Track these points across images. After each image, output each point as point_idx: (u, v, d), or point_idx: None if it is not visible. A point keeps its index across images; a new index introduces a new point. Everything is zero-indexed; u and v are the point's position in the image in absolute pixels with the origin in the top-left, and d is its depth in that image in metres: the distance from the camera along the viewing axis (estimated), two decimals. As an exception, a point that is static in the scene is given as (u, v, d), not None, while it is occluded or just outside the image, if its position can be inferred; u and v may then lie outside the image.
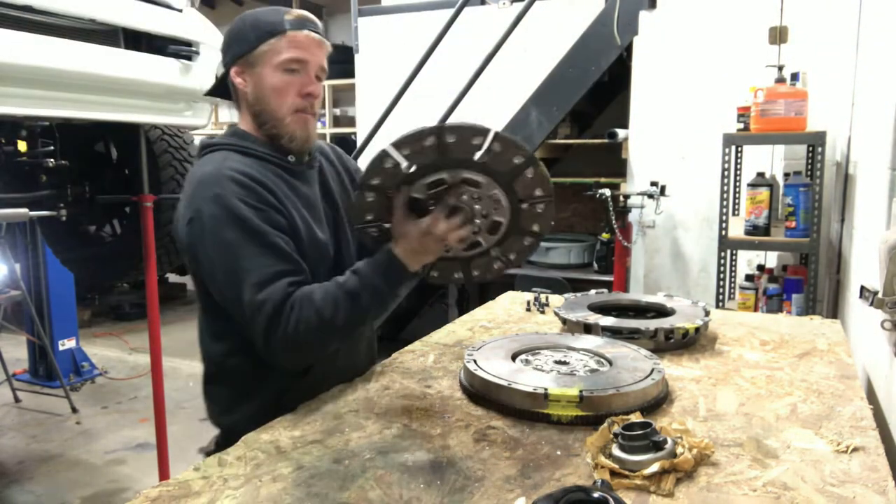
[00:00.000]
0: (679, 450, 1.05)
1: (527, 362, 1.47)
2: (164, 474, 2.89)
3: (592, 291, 2.10)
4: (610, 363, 1.44)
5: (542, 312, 2.11)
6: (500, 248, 1.36)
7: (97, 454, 3.53)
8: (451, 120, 1.24)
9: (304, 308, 1.25)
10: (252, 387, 1.41)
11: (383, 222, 1.32)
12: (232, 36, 1.41)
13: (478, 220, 1.30)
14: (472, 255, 1.37)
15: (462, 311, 4.52)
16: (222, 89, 1.47)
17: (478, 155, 1.20)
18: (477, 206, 1.29)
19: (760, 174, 2.98)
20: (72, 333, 4.58)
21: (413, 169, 1.22)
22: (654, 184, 3.78)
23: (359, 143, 4.73)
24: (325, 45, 1.43)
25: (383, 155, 1.22)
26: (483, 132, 1.19)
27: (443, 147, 1.20)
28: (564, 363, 1.46)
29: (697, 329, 1.70)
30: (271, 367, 1.34)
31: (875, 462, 1.07)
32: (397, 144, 1.21)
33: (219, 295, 1.33)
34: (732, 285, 3.61)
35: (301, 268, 1.32)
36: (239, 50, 1.39)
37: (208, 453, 1.30)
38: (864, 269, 2.21)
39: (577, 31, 4.09)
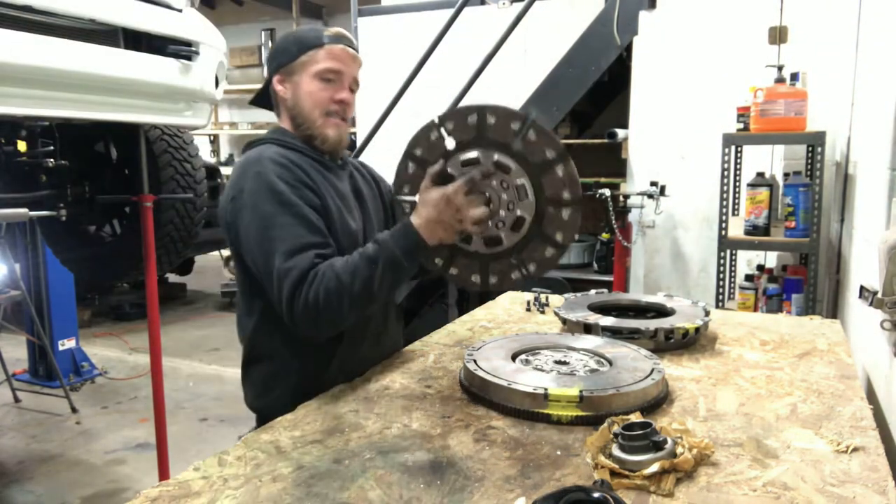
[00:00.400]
0: (679, 450, 1.05)
1: (527, 362, 1.47)
2: (163, 474, 2.89)
3: (592, 291, 2.10)
4: (610, 363, 1.44)
5: (542, 312, 2.11)
6: (521, 255, 1.36)
7: (97, 454, 3.53)
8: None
9: (327, 276, 1.32)
10: (284, 368, 1.48)
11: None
12: (277, 50, 1.56)
13: (502, 212, 1.31)
14: (492, 253, 1.37)
15: (462, 311, 4.52)
16: (265, 99, 1.61)
17: (513, 140, 1.22)
18: (503, 196, 1.30)
19: (760, 174, 2.99)
20: (72, 333, 4.58)
21: (454, 145, 1.24)
22: (653, 184, 3.78)
23: (358, 143, 4.73)
24: (359, 60, 1.57)
25: (430, 126, 1.27)
26: (521, 118, 1.22)
27: (482, 126, 1.22)
28: (564, 363, 1.46)
29: (697, 329, 1.70)
30: (303, 346, 1.43)
31: (875, 462, 1.07)
32: (443, 117, 1.24)
33: (254, 266, 1.41)
34: (732, 285, 3.61)
35: (329, 242, 1.40)
36: (281, 61, 1.53)
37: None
38: (863, 269, 2.21)
39: (577, 31, 4.09)
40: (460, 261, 1.39)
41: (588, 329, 1.72)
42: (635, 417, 1.15)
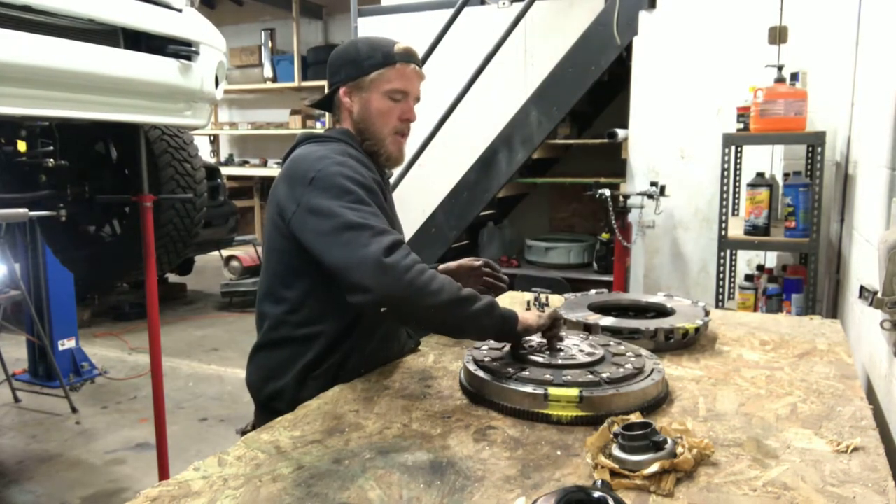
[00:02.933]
0: (679, 450, 1.05)
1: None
2: (163, 474, 2.89)
3: (592, 291, 2.10)
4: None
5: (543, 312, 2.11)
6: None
7: (97, 454, 3.52)
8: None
9: (420, 264, 1.32)
10: (296, 354, 1.49)
11: None
12: (345, 59, 1.56)
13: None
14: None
15: (462, 311, 4.51)
16: (326, 102, 1.63)
17: None
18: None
19: (760, 174, 2.99)
20: (72, 333, 4.57)
21: None
22: (653, 184, 3.78)
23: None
24: (423, 76, 1.61)
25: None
26: None
27: None
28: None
29: (697, 329, 1.70)
30: (319, 336, 1.47)
31: (875, 462, 1.07)
32: None
33: (325, 229, 1.35)
34: (732, 285, 3.61)
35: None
36: (351, 73, 1.54)
37: (244, 433, 1.36)
38: (863, 269, 2.21)
39: (577, 31, 4.10)
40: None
41: (588, 329, 1.72)
42: (635, 417, 1.15)
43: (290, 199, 1.42)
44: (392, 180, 1.82)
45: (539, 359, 1.39)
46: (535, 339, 1.52)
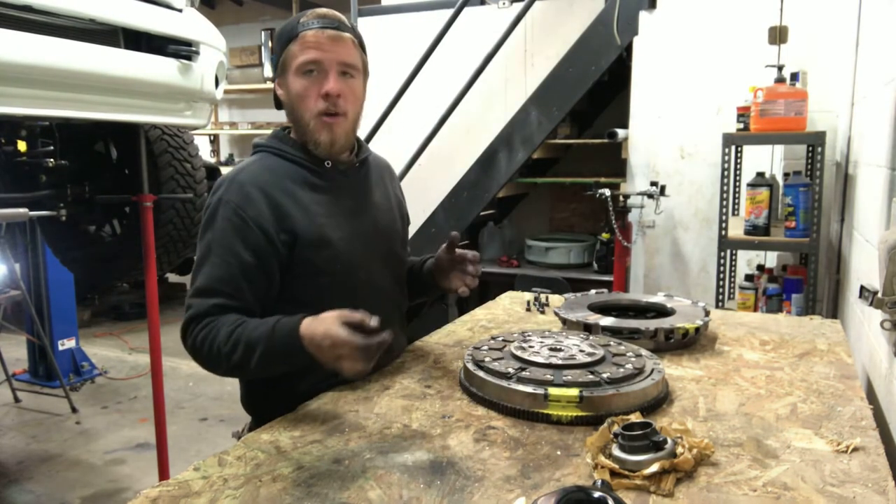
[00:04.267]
0: (679, 450, 1.05)
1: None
2: (163, 474, 2.89)
3: (592, 291, 2.09)
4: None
5: (542, 312, 2.11)
6: None
7: (97, 454, 3.52)
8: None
9: (213, 332, 1.32)
10: (287, 374, 1.43)
11: None
12: (274, 48, 1.47)
13: None
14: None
15: (462, 311, 4.52)
16: (277, 103, 1.52)
17: None
18: None
19: (760, 174, 2.99)
20: (72, 333, 4.58)
21: None
22: (654, 184, 3.78)
23: (359, 143, 4.72)
24: (344, 39, 1.39)
25: None
26: None
27: None
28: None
29: (697, 329, 1.70)
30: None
31: (875, 462, 1.07)
32: None
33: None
34: (732, 285, 3.61)
35: (241, 297, 1.37)
36: (274, 62, 1.45)
37: (239, 436, 1.37)
38: (864, 269, 2.21)
39: (577, 32, 4.09)
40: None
41: (588, 329, 1.72)
42: (635, 417, 1.15)
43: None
44: (376, 159, 1.72)
45: (539, 359, 1.39)
46: (536, 339, 1.52)
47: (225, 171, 7.98)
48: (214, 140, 9.53)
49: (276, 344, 1.26)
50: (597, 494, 0.87)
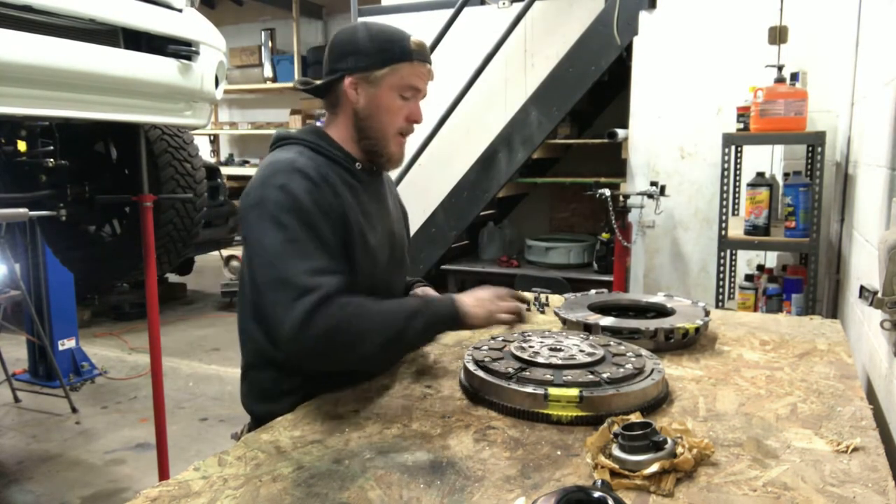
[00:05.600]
0: (679, 450, 1.05)
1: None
2: (163, 474, 2.89)
3: (592, 291, 2.09)
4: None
5: (542, 312, 2.11)
6: None
7: (97, 454, 3.52)
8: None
9: (361, 306, 1.29)
10: (291, 377, 1.44)
11: None
12: (354, 46, 1.44)
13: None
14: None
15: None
16: (321, 88, 1.50)
17: None
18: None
19: (760, 174, 2.99)
20: (72, 333, 4.57)
21: None
22: (654, 184, 3.78)
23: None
24: (433, 76, 1.53)
25: None
26: None
27: None
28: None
29: (697, 329, 1.70)
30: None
31: (875, 462, 1.07)
32: None
33: (261, 279, 1.32)
34: (732, 285, 3.61)
35: (347, 274, 1.37)
36: (360, 64, 1.43)
37: (238, 437, 1.36)
38: (863, 269, 2.21)
39: (577, 32, 4.10)
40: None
41: (588, 329, 1.72)
42: (635, 417, 1.15)
43: (243, 220, 1.37)
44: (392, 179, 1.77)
45: (539, 359, 1.39)
46: (536, 339, 1.52)
47: (225, 170, 7.93)
48: (214, 140, 9.54)
49: (438, 309, 1.37)
50: (597, 494, 0.87)
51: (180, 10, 2.41)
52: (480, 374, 1.35)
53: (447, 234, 4.60)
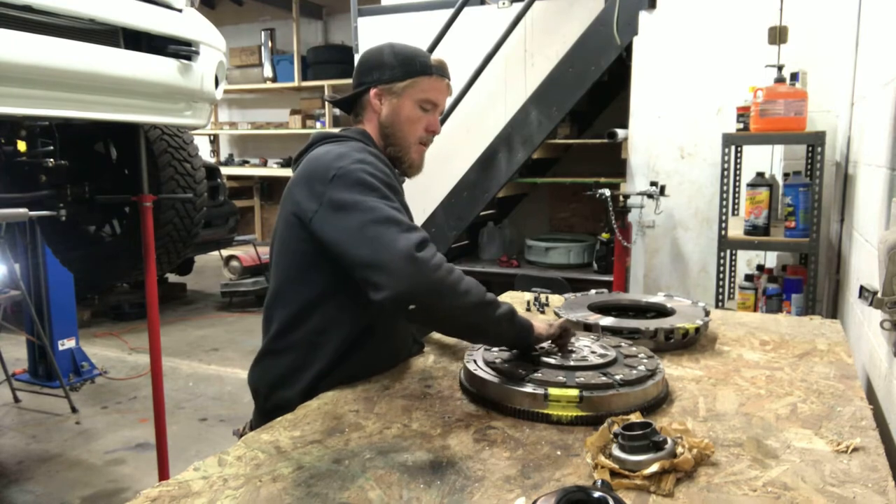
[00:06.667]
0: (679, 450, 1.05)
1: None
2: (163, 474, 2.89)
3: (592, 291, 2.10)
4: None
5: (542, 312, 2.11)
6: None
7: (97, 454, 3.52)
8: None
9: (456, 271, 1.30)
10: (305, 363, 1.46)
11: None
12: (379, 61, 1.55)
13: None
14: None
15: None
16: (348, 102, 1.62)
17: None
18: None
19: (760, 174, 2.99)
20: (71, 333, 4.57)
21: None
22: (653, 184, 3.78)
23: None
24: (451, 93, 1.65)
25: None
26: None
27: None
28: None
29: (697, 329, 1.70)
30: (326, 343, 1.44)
31: (875, 462, 1.07)
32: None
33: (356, 221, 1.31)
34: (732, 285, 3.61)
35: None
36: (385, 76, 1.54)
37: (241, 434, 1.36)
38: (863, 269, 2.21)
39: (576, 32, 4.10)
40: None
41: (588, 329, 1.72)
42: (635, 417, 1.15)
43: (311, 199, 1.38)
44: None
45: (551, 360, 1.39)
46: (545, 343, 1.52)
47: (225, 171, 7.92)
48: (214, 140, 9.53)
49: (517, 314, 1.39)
50: (597, 494, 0.87)
51: (180, 10, 2.41)
52: (480, 374, 1.35)
53: (447, 234, 4.60)
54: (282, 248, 1.49)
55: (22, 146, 2.80)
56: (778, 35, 3.08)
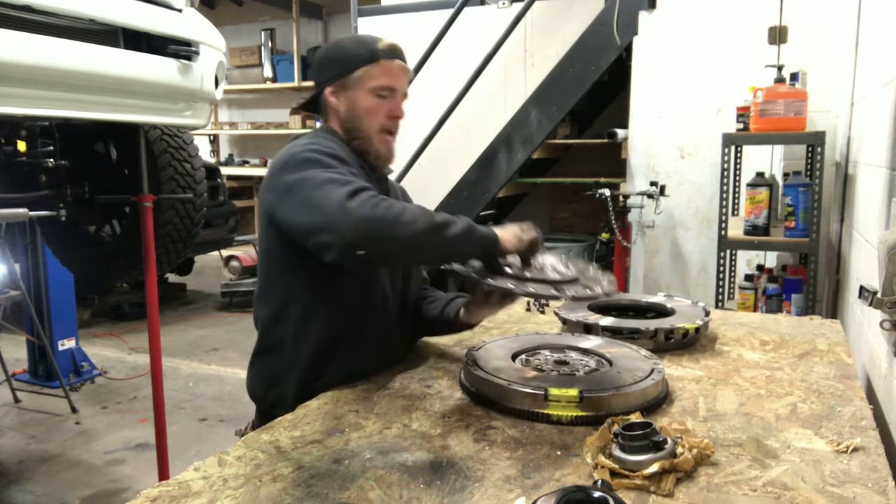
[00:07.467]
0: (679, 450, 1.05)
1: (527, 362, 1.47)
2: (163, 474, 2.89)
3: (592, 291, 2.09)
4: (610, 363, 1.44)
5: (542, 312, 2.11)
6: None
7: (97, 454, 3.52)
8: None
9: (397, 205, 1.27)
10: (293, 362, 1.47)
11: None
12: (328, 59, 1.55)
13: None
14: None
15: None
16: (312, 104, 1.61)
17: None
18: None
19: (760, 174, 2.99)
20: (71, 333, 4.57)
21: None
22: (653, 184, 3.78)
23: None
24: (410, 73, 1.58)
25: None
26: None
27: None
28: (565, 363, 1.45)
29: (697, 329, 1.70)
30: (312, 340, 1.45)
31: (875, 462, 1.07)
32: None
33: (300, 196, 1.32)
34: (732, 285, 3.62)
35: None
36: (335, 72, 1.52)
37: (242, 434, 1.36)
38: (863, 269, 2.21)
39: (576, 32, 4.10)
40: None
41: (588, 329, 1.72)
42: (635, 417, 1.15)
43: (271, 192, 1.40)
44: (392, 179, 1.78)
45: (508, 270, 1.36)
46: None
47: (225, 171, 7.92)
48: (214, 140, 9.53)
49: (476, 228, 1.34)
50: (597, 494, 0.87)
51: (180, 11, 2.41)
52: (480, 374, 1.35)
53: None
54: (260, 246, 1.53)
55: (22, 146, 2.80)
56: (778, 35, 3.08)
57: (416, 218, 1.27)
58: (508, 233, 1.39)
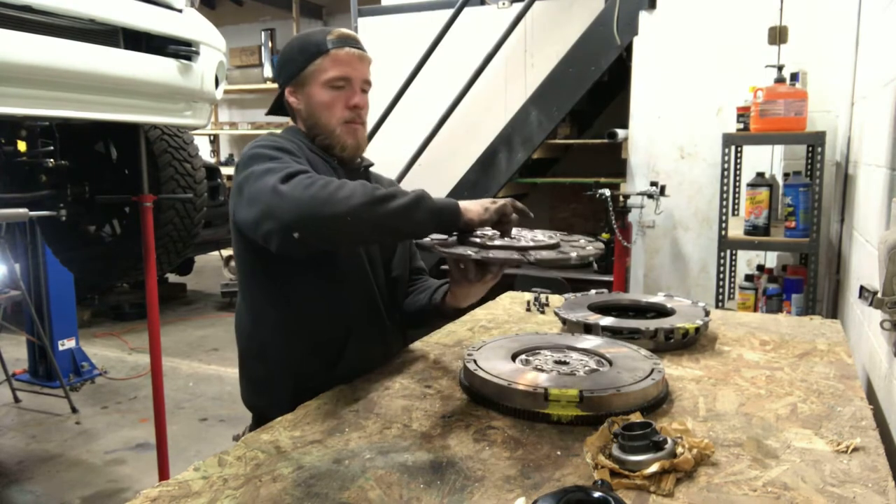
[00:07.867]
0: (679, 450, 1.05)
1: (527, 362, 1.47)
2: (163, 474, 2.89)
3: (592, 291, 2.10)
4: (610, 363, 1.43)
5: (542, 312, 2.11)
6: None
7: (97, 454, 3.52)
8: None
9: (334, 182, 1.23)
10: (281, 368, 1.48)
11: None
12: (283, 60, 1.55)
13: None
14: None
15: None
16: (280, 108, 1.61)
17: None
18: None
19: (760, 174, 2.99)
20: (71, 333, 4.57)
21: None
22: (653, 184, 3.78)
23: (359, 143, 4.73)
24: (367, 59, 1.55)
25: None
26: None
27: None
28: (564, 363, 1.45)
29: (697, 329, 1.70)
30: (298, 345, 1.46)
31: (875, 462, 1.07)
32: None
33: (244, 209, 1.30)
34: (732, 285, 3.61)
35: None
36: (290, 72, 1.52)
37: (239, 438, 1.34)
38: (863, 269, 2.21)
39: (577, 31, 4.10)
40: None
41: (588, 329, 1.72)
42: (635, 417, 1.15)
43: (231, 196, 1.41)
44: (381, 174, 1.78)
45: (476, 239, 1.34)
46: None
47: (225, 171, 7.93)
48: (214, 140, 9.54)
49: (427, 199, 1.28)
50: (597, 494, 0.87)
51: (180, 11, 2.42)
52: (480, 373, 1.35)
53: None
54: (235, 254, 1.53)
55: (22, 146, 2.80)
56: (778, 35, 3.08)
57: (353, 192, 1.21)
58: (474, 203, 1.34)
